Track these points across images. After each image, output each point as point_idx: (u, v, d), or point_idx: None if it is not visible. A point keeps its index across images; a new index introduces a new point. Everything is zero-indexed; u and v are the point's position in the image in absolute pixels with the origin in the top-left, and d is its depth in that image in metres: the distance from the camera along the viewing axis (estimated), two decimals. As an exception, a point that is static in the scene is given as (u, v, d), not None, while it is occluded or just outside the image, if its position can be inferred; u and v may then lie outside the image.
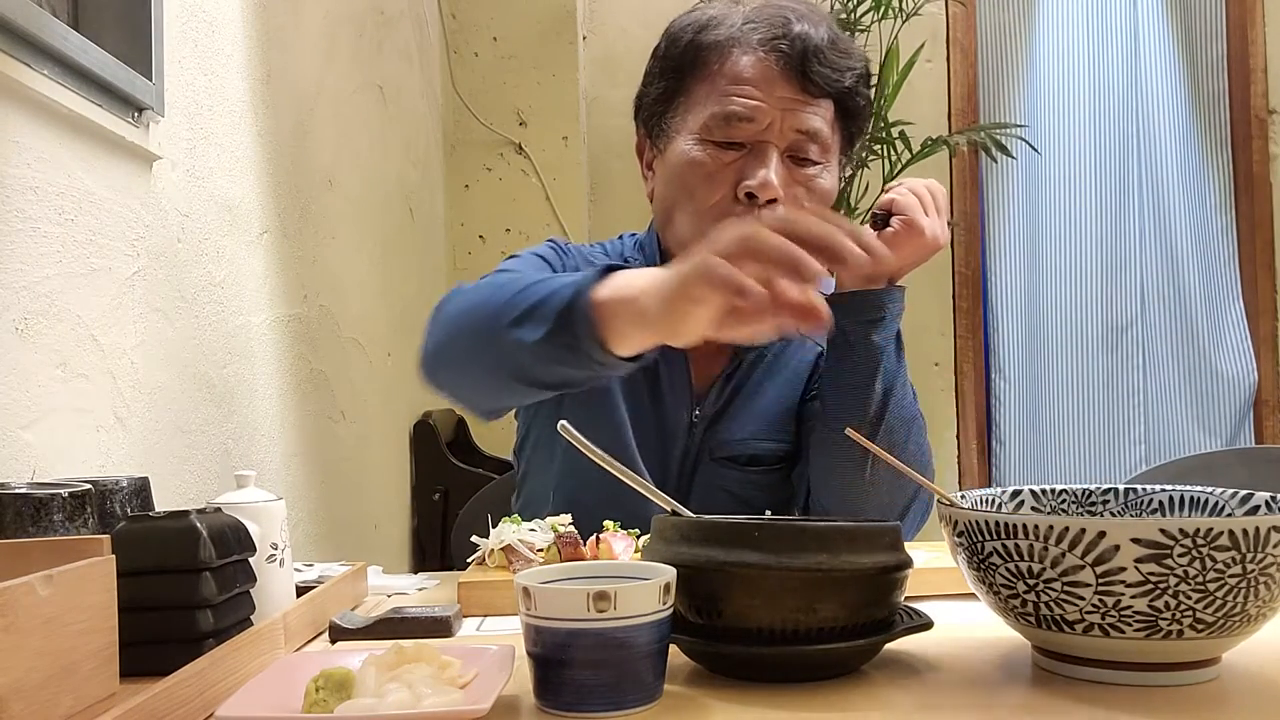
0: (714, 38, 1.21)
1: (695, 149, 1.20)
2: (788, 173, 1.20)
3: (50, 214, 1.11)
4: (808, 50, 1.18)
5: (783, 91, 1.18)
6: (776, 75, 1.18)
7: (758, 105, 1.18)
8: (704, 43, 1.21)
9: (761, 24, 1.20)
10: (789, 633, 0.71)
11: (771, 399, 1.31)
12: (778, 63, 1.18)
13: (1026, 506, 0.87)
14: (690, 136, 1.21)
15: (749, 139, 1.19)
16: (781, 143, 1.19)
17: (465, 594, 0.99)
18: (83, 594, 0.64)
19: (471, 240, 2.93)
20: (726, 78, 1.20)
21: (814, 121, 1.20)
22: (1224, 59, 3.26)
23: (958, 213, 3.22)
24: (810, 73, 1.18)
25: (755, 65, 1.19)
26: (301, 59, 1.84)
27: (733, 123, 1.18)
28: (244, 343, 1.57)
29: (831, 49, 1.20)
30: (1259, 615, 0.69)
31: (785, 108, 1.18)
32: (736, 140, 1.19)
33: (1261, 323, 3.21)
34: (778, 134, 1.19)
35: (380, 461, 2.18)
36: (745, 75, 1.19)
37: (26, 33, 1.04)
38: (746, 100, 1.18)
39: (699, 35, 1.22)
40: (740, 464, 1.29)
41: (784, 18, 1.20)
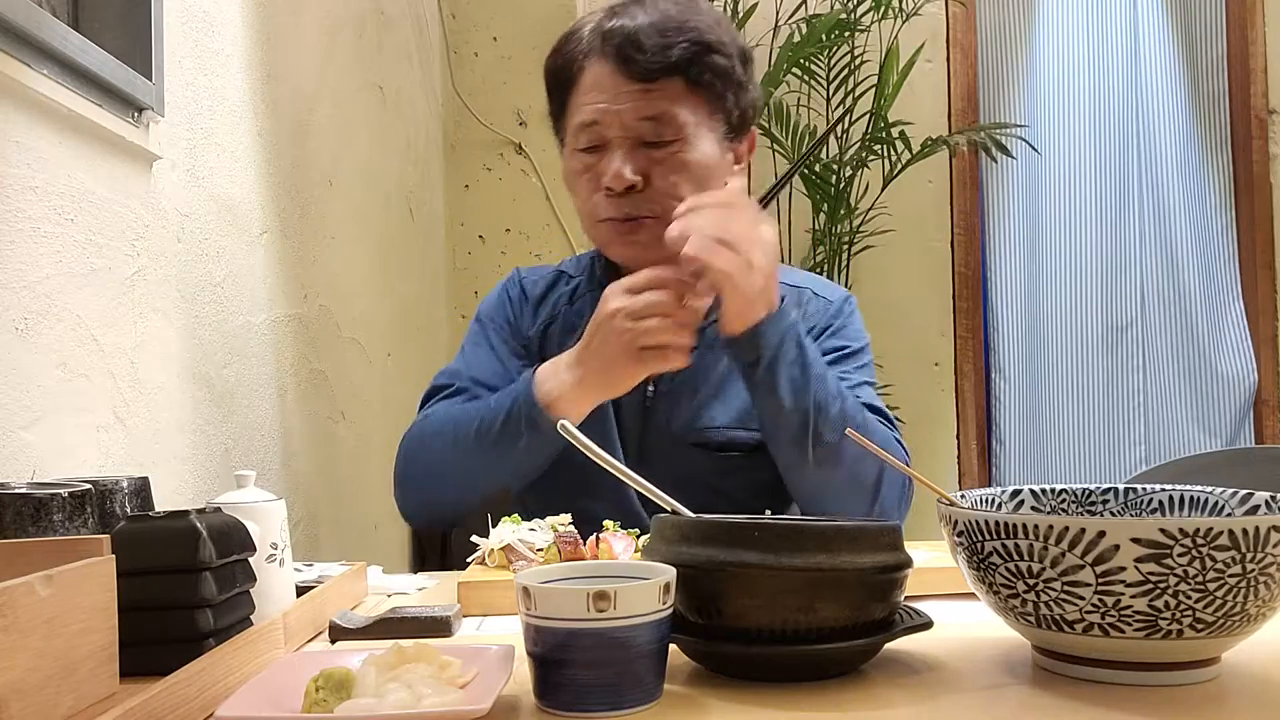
0: (566, 58, 1.33)
1: (571, 159, 1.34)
2: (648, 157, 1.28)
3: (50, 214, 1.11)
4: (625, 41, 1.26)
5: (618, 87, 1.27)
6: (609, 74, 1.28)
7: (600, 108, 1.27)
8: (560, 64, 1.33)
9: (593, 32, 1.30)
10: (789, 633, 0.71)
11: (734, 378, 1.33)
12: (607, 62, 1.28)
13: (1026, 506, 0.87)
14: (569, 149, 1.34)
15: (604, 140, 1.29)
16: (631, 134, 1.28)
17: (465, 594, 0.99)
18: (83, 594, 0.64)
19: (471, 240, 2.93)
20: (580, 89, 1.31)
21: (654, 105, 1.27)
22: (1224, 59, 3.26)
23: (957, 213, 3.22)
24: (631, 61, 1.26)
25: (594, 71, 1.29)
26: (301, 59, 1.84)
27: (586, 129, 1.29)
28: (244, 343, 1.57)
29: (653, 31, 1.26)
30: (1259, 615, 0.69)
31: (623, 102, 1.27)
32: (595, 144, 1.30)
33: (1261, 323, 3.21)
34: (624, 126, 1.28)
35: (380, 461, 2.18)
36: (589, 83, 1.30)
37: (26, 33, 1.04)
38: (591, 107, 1.28)
39: (557, 55, 1.34)
40: (712, 450, 1.32)
41: (609, 22, 1.29)
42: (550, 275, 1.47)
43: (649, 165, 1.28)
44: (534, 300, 1.45)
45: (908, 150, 2.78)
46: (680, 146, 1.29)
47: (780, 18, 2.85)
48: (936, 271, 3.21)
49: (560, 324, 1.42)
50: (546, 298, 1.44)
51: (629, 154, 1.28)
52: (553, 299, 1.44)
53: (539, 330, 1.42)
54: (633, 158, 1.28)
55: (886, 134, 2.77)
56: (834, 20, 2.72)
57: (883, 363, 2.97)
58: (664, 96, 1.27)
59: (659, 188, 1.28)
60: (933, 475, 0.84)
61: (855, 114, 2.86)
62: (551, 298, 1.44)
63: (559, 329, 1.42)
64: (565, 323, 1.42)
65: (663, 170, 1.28)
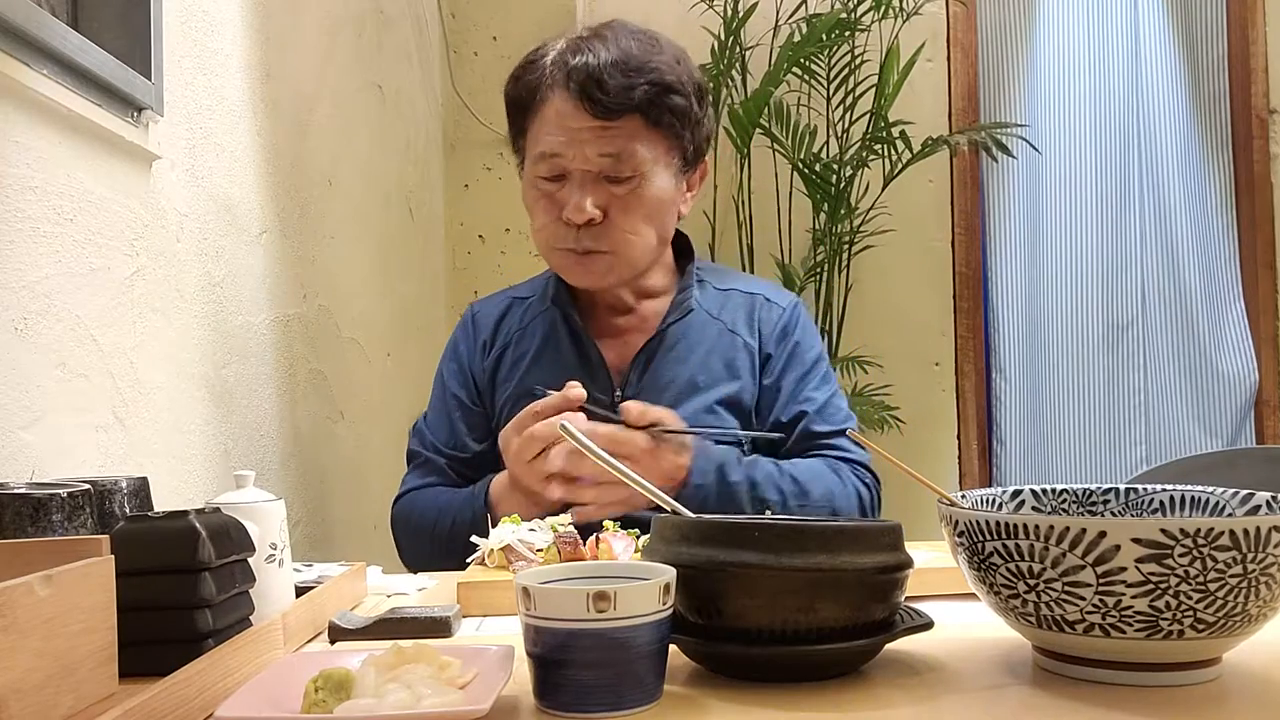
0: (528, 84, 1.36)
1: (530, 186, 1.39)
2: (607, 191, 1.34)
3: (49, 214, 1.11)
4: (588, 79, 1.30)
5: (578, 123, 1.32)
6: (571, 109, 1.32)
7: (562, 140, 1.32)
8: (521, 90, 1.37)
9: (557, 63, 1.34)
10: (789, 633, 0.71)
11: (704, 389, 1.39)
12: (571, 97, 1.32)
13: (1027, 506, 0.87)
14: (528, 174, 1.39)
15: (565, 170, 1.34)
16: (592, 167, 1.33)
17: (465, 594, 0.99)
18: (82, 594, 0.63)
19: (471, 240, 2.93)
20: (541, 119, 1.35)
21: (614, 143, 1.32)
22: (1225, 59, 3.26)
23: (958, 212, 3.21)
24: (594, 100, 1.30)
25: (556, 104, 1.33)
26: (301, 59, 1.84)
27: (547, 159, 1.34)
28: (243, 343, 1.57)
29: (615, 70, 1.30)
30: (1260, 615, 0.69)
31: (584, 138, 1.32)
32: (555, 175, 1.34)
33: (1262, 322, 3.21)
34: (585, 161, 1.32)
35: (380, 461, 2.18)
36: (551, 115, 1.33)
37: (26, 32, 1.04)
38: (552, 138, 1.33)
39: (519, 83, 1.37)
40: None
41: (571, 52, 1.33)
42: (503, 303, 1.53)
43: (608, 200, 1.33)
44: (486, 333, 1.51)
45: (908, 150, 2.77)
46: (638, 183, 1.33)
47: (780, 17, 2.85)
48: (937, 271, 3.21)
49: (512, 351, 1.48)
50: (500, 327, 1.50)
51: (589, 188, 1.32)
52: (505, 327, 1.50)
53: (492, 362, 1.48)
54: (593, 192, 1.32)
55: (887, 133, 2.77)
56: (834, 20, 2.71)
57: (883, 363, 2.98)
58: (623, 134, 1.32)
59: (616, 222, 1.34)
60: (933, 475, 0.84)
61: (855, 113, 2.86)
62: (504, 326, 1.50)
63: (510, 356, 1.47)
64: (516, 349, 1.47)
65: (620, 205, 1.33)
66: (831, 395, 1.44)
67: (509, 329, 1.50)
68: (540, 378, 1.38)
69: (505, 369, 1.47)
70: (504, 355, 1.48)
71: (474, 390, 1.49)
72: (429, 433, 1.49)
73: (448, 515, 1.37)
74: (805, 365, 1.43)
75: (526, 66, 1.38)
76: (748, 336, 1.43)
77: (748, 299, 1.47)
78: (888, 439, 2.81)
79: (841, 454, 1.39)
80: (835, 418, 1.42)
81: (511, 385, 1.44)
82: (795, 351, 1.44)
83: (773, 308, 1.47)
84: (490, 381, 1.47)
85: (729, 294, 1.48)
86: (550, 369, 1.41)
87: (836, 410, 1.43)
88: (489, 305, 1.55)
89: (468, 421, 1.48)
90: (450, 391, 1.50)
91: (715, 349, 1.42)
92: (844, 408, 1.45)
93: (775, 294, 1.50)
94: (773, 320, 1.45)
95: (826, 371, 1.46)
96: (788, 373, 1.42)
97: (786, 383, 1.42)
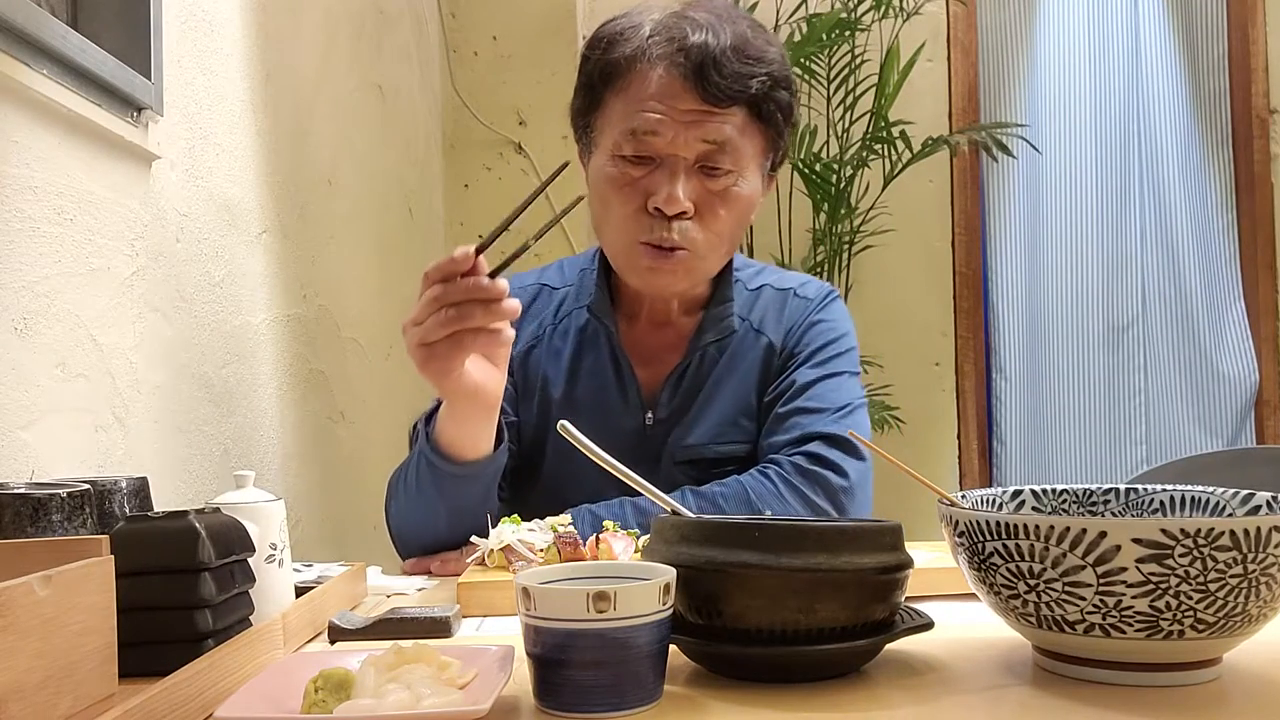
0: (620, 54, 1.24)
1: (609, 165, 1.25)
2: (700, 184, 1.23)
3: (49, 214, 1.11)
4: (706, 60, 1.19)
5: (686, 104, 1.21)
6: (679, 88, 1.21)
7: (661, 119, 1.21)
8: (612, 59, 1.24)
9: (663, 34, 1.22)
10: (789, 633, 0.71)
11: (728, 398, 1.33)
12: (679, 75, 1.20)
13: (1027, 506, 0.87)
14: (605, 153, 1.26)
15: (657, 153, 1.22)
16: (689, 154, 1.22)
17: (465, 594, 0.99)
18: (81, 594, 0.63)
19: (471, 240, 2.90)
20: (633, 94, 1.23)
21: (722, 131, 1.22)
22: (1225, 58, 3.26)
23: (958, 212, 3.22)
24: (709, 83, 1.19)
25: (658, 80, 1.21)
26: (301, 58, 1.84)
27: (639, 138, 1.22)
28: (243, 343, 1.57)
29: (735, 55, 1.20)
30: (1260, 615, 0.69)
31: (689, 120, 1.21)
32: (645, 155, 1.22)
33: (1262, 322, 3.21)
34: (684, 146, 1.21)
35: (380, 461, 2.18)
36: (649, 91, 1.22)
37: (25, 32, 1.04)
38: (650, 115, 1.21)
39: (609, 51, 1.25)
40: (704, 467, 1.31)
41: (684, 28, 1.21)
42: (531, 289, 1.40)
43: (699, 193, 1.23)
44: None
45: (908, 150, 2.77)
46: (735, 179, 1.25)
47: (780, 17, 2.85)
48: (937, 271, 3.21)
49: (545, 347, 1.36)
50: (529, 313, 1.37)
51: (683, 176, 1.22)
52: (535, 317, 1.38)
53: (523, 350, 1.36)
54: (687, 181, 1.22)
55: (887, 133, 2.77)
56: (834, 19, 2.72)
57: (883, 363, 2.98)
58: (729, 123, 1.22)
59: (704, 219, 1.24)
60: (933, 475, 0.84)
61: (856, 113, 2.86)
62: (533, 316, 1.38)
63: (543, 352, 1.35)
64: (550, 347, 1.36)
65: (710, 201, 1.24)
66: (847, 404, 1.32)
67: (540, 321, 1.38)
68: (572, 393, 1.31)
69: (534, 367, 1.36)
70: (533, 350, 1.36)
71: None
72: None
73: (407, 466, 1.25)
74: (819, 361, 1.34)
75: (616, 37, 1.25)
76: (773, 335, 1.35)
77: (779, 295, 1.38)
78: (888, 439, 2.81)
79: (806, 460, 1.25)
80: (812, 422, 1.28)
81: (545, 390, 1.34)
82: (814, 346, 1.35)
83: (802, 302, 1.38)
84: (522, 368, 1.36)
85: (760, 291, 1.39)
86: (585, 382, 1.33)
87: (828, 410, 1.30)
88: (517, 288, 1.38)
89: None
90: None
91: (747, 362, 1.34)
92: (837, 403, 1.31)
93: (806, 287, 1.41)
94: (798, 315, 1.37)
95: (843, 372, 1.35)
96: (801, 369, 1.33)
97: (797, 378, 1.32)
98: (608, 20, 1.29)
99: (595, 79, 1.27)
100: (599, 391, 1.32)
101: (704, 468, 1.31)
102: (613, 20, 1.28)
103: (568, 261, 1.45)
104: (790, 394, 1.31)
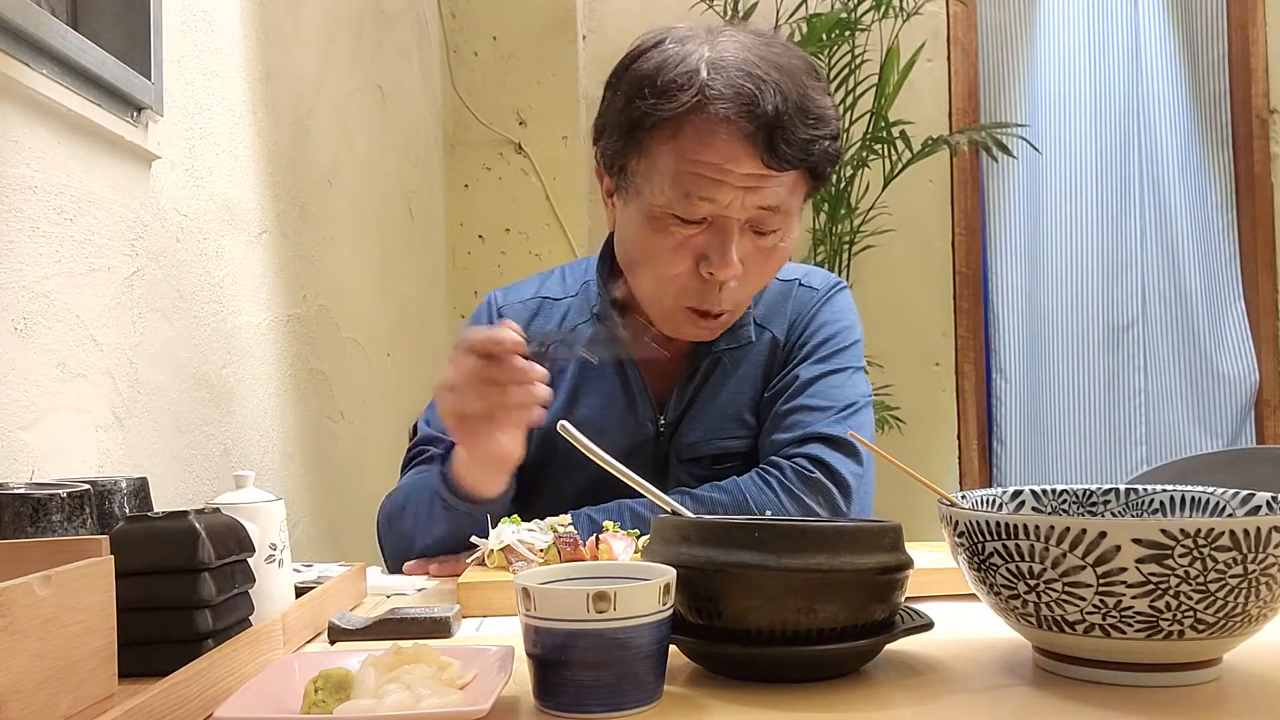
0: (676, 106, 1.14)
1: (655, 220, 1.18)
2: (749, 242, 1.19)
3: (49, 213, 1.11)
4: (775, 127, 1.12)
5: (747, 168, 1.14)
6: (741, 154, 1.13)
7: (719, 184, 1.14)
8: (666, 110, 1.14)
9: (728, 92, 1.12)
10: (789, 633, 0.71)
11: (732, 393, 1.32)
12: (741, 138, 1.13)
13: (1027, 507, 0.87)
14: (648, 204, 1.18)
15: (708, 215, 1.16)
16: (742, 216, 1.16)
17: (465, 594, 0.99)
18: (81, 594, 0.63)
19: (471, 240, 2.92)
20: (688, 149, 1.14)
21: (778, 194, 1.17)
22: (1225, 59, 3.26)
23: (958, 212, 3.22)
24: (776, 152, 1.13)
25: (721, 142, 1.13)
26: (301, 58, 1.84)
27: (694, 201, 1.15)
28: (243, 343, 1.57)
29: (800, 118, 1.14)
30: (1260, 616, 0.69)
31: (749, 185, 1.15)
32: (698, 218, 1.16)
33: (1262, 322, 3.21)
34: (739, 209, 1.16)
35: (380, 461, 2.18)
36: (708, 152, 1.13)
37: (25, 32, 1.04)
38: (708, 178, 1.14)
39: (662, 101, 1.14)
40: (705, 464, 1.30)
41: (752, 89, 1.12)
42: (532, 304, 1.37)
43: (748, 251, 1.19)
44: None
45: (908, 150, 2.77)
46: (782, 236, 1.21)
47: (780, 17, 2.85)
48: (937, 271, 3.21)
49: (547, 363, 1.34)
50: (529, 331, 1.31)
51: (738, 239, 1.17)
52: (537, 332, 1.34)
53: None
54: (739, 243, 1.17)
55: (887, 133, 2.77)
56: (834, 19, 2.71)
57: (883, 363, 2.98)
58: (785, 186, 1.17)
59: (748, 277, 1.20)
60: (933, 475, 0.84)
61: (856, 113, 2.86)
62: (535, 331, 1.34)
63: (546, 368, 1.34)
64: (552, 363, 1.29)
65: (759, 258, 1.20)
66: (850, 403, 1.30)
67: None
68: (579, 408, 1.29)
69: None
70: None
71: None
72: (436, 425, 1.34)
73: (414, 494, 1.24)
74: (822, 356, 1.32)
75: (669, 85, 1.14)
76: (777, 330, 1.33)
77: (783, 287, 1.35)
78: (888, 439, 2.81)
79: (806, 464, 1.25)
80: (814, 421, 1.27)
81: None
82: (817, 340, 1.32)
83: (807, 293, 1.35)
84: None
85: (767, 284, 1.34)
86: (590, 397, 1.31)
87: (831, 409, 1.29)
88: (516, 304, 1.37)
89: None
90: None
91: (752, 357, 1.32)
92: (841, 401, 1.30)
93: (811, 277, 1.37)
94: (803, 307, 1.34)
95: (847, 368, 1.33)
96: (804, 365, 1.31)
97: (800, 374, 1.30)
98: (646, 48, 1.19)
99: (641, 124, 1.17)
100: (605, 403, 1.31)
101: (706, 464, 1.30)
102: (655, 50, 1.18)
103: (568, 269, 1.42)
104: (793, 391, 1.30)
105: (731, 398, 1.32)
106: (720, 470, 1.29)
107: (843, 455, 1.25)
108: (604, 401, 1.31)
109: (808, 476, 1.24)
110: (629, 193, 1.22)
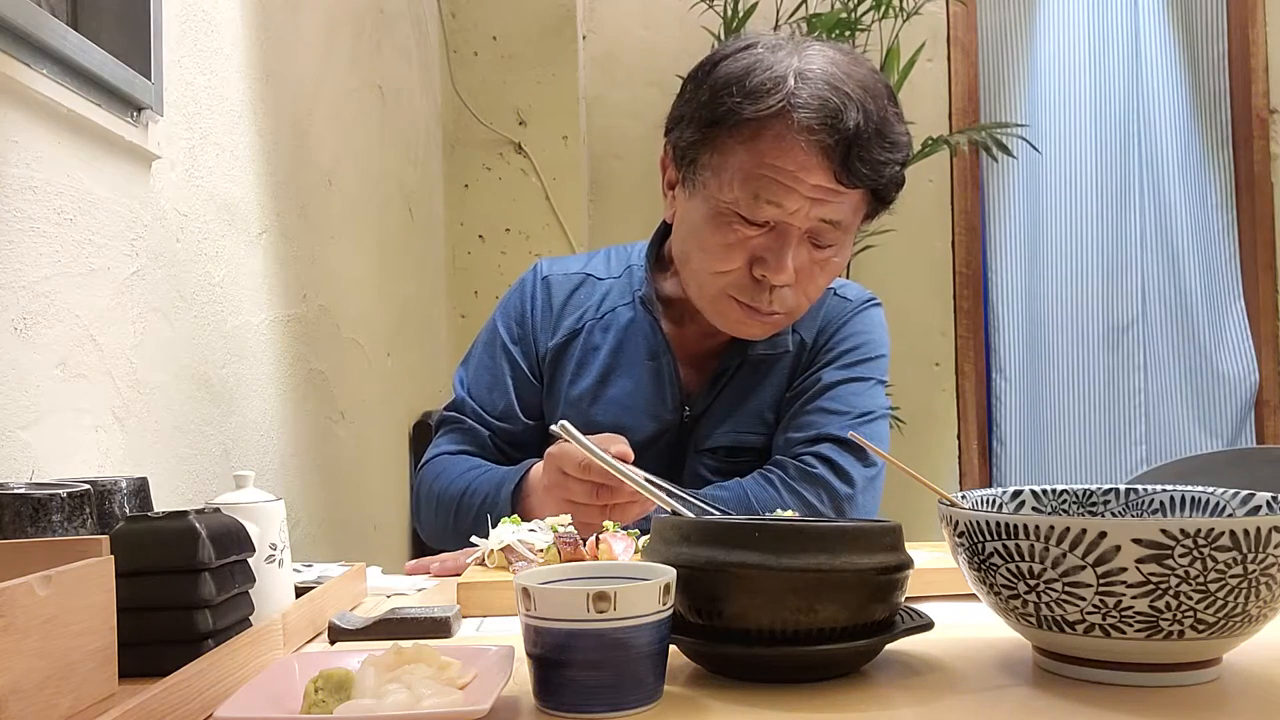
0: (761, 109, 1.15)
1: (717, 216, 1.20)
2: (806, 252, 1.20)
3: (49, 213, 1.11)
4: (852, 145, 1.14)
5: (818, 180, 1.16)
6: (815, 165, 1.15)
7: (789, 190, 1.16)
8: (748, 111, 1.16)
9: (814, 103, 1.14)
10: (789, 633, 0.71)
11: (756, 396, 1.34)
12: (819, 151, 1.14)
13: (1027, 507, 0.87)
14: (713, 199, 1.20)
15: (774, 219, 1.18)
16: (805, 226, 1.18)
17: (465, 595, 0.99)
18: (81, 594, 0.63)
19: (471, 240, 2.92)
20: (764, 153, 1.16)
21: (842, 210, 1.19)
22: (1225, 58, 3.26)
23: (958, 212, 3.22)
24: (851, 170, 1.15)
25: (799, 151, 1.14)
26: (301, 58, 1.84)
27: (761, 204, 1.17)
28: (243, 343, 1.57)
29: (878, 141, 1.16)
30: (1260, 616, 0.69)
31: (817, 196, 1.16)
32: (761, 220, 1.18)
33: (1263, 322, 3.21)
34: (803, 219, 1.18)
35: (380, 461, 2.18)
36: (784, 159, 1.15)
37: (25, 32, 1.04)
38: (779, 183, 1.16)
39: (747, 102, 1.16)
40: (721, 456, 1.33)
41: (837, 103, 1.14)
42: (576, 278, 1.40)
43: (804, 261, 1.21)
44: (558, 305, 1.38)
45: (908, 150, 2.77)
46: (836, 252, 1.23)
47: (780, 17, 2.85)
48: (937, 271, 3.21)
49: (583, 339, 1.36)
50: (569, 305, 1.38)
51: (797, 247, 1.19)
52: (576, 308, 1.38)
53: (559, 341, 1.37)
54: (796, 251, 1.19)
55: (887, 133, 2.77)
56: (834, 19, 2.72)
57: (883, 362, 2.98)
58: (849, 203, 1.20)
59: (802, 285, 1.22)
60: (933, 475, 0.84)
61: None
62: (574, 305, 1.38)
63: (581, 344, 1.36)
64: (588, 339, 1.36)
65: (813, 269, 1.22)
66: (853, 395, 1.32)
67: (583, 312, 1.37)
68: (609, 388, 1.31)
69: (573, 359, 1.36)
70: (573, 341, 1.36)
71: (535, 362, 1.37)
72: (473, 400, 1.38)
73: (476, 493, 1.29)
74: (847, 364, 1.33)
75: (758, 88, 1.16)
76: (806, 332, 1.34)
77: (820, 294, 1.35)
78: (888, 439, 2.81)
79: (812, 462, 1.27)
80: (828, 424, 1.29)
81: (574, 384, 1.35)
82: (844, 347, 1.34)
83: (840, 302, 1.37)
84: (554, 362, 1.36)
85: None
86: (622, 379, 1.33)
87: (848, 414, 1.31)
88: (560, 275, 1.41)
89: (522, 393, 1.36)
90: (510, 357, 1.37)
91: (784, 361, 1.34)
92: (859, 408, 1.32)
93: (846, 289, 1.40)
94: (834, 315, 1.36)
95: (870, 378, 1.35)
96: (828, 369, 1.33)
97: (823, 377, 1.32)
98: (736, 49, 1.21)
99: (723, 121, 1.18)
100: (635, 387, 1.33)
101: (721, 456, 1.33)
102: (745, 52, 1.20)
103: (614, 251, 1.44)
104: (813, 393, 1.32)
105: (757, 397, 1.34)
106: (735, 463, 1.31)
107: (851, 457, 1.27)
108: (635, 385, 1.33)
109: (810, 473, 1.25)
110: (694, 185, 1.23)
